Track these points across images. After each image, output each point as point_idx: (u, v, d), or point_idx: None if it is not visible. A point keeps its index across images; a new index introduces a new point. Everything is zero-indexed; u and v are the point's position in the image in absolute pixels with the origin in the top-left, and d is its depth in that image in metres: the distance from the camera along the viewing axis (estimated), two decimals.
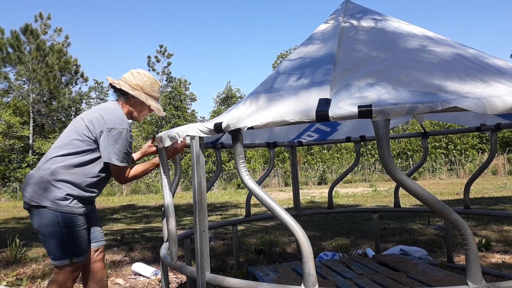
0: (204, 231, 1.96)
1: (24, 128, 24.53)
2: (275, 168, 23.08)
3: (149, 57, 36.10)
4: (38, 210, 2.16)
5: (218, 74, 66.45)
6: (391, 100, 1.56)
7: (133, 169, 2.37)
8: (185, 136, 1.99)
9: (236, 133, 1.76)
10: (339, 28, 2.45)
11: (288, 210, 2.05)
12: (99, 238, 2.46)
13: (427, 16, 68.71)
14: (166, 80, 36.45)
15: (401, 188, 2.02)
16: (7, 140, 23.64)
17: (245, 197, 4.01)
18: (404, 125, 27.66)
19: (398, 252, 4.04)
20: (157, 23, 65.52)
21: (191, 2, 67.67)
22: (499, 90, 1.59)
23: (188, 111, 33.60)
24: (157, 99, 2.54)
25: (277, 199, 13.19)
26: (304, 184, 22.12)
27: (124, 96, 2.41)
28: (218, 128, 1.80)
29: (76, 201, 2.21)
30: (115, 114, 2.29)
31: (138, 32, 66.07)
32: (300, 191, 5.04)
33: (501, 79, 1.75)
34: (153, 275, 4.03)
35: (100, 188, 2.38)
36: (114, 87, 2.43)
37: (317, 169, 24.84)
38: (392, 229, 5.96)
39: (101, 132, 2.23)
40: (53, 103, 26.52)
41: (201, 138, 1.97)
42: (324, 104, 1.58)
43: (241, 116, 1.81)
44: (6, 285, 3.82)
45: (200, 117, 37.02)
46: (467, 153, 23.94)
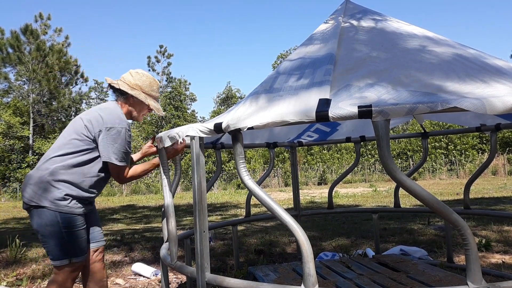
0: (204, 231, 1.96)
1: (24, 128, 24.53)
2: (275, 168, 23.07)
3: (149, 57, 36.17)
4: (38, 210, 2.16)
5: (218, 74, 66.59)
6: (391, 100, 1.56)
7: (132, 169, 2.37)
8: (185, 136, 1.99)
9: (236, 133, 1.76)
10: (339, 28, 2.45)
11: (288, 210, 2.05)
12: (98, 239, 2.46)
13: (427, 16, 68.85)
14: (166, 81, 36.48)
15: (401, 188, 2.02)
16: (7, 140, 23.64)
17: (245, 197, 4.01)
18: (404, 125, 27.65)
19: (398, 252, 4.04)
20: (157, 23, 65.68)
21: (191, 2, 67.80)
22: (499, 91, 1.59)
23: (188, 111, 33.60)
24: (156, 98, 2.53)
25: (277, 199, 13.18)
26: (304, 184, 22.12)
27: (123, 96, 2.41)
28: (218, 128, 1.80)
29: (75, 201, 2.22)
30: (114, 113, 2.30)
31: (138, 32, 66.22)
32: (300, 191, 5.04)
33: (501, 79, 1.75)
34: (153, 275, 4.03)
35: (100, 188, 2.38)
36: (113, 87, 2.43)
37: (317, 169, 24.84)
38: (392, 229, 5.96)
39: (100, 131, 2.23)
40: (53, 103, 26.53)
41: (201, 138, 1.97)
42: (324, 104, 1.58)
43: (241, 116, 1.81)
44: (6, 285, 3.82)
45: (200, 117, 37.05)
46: (467, 153, 23.94)
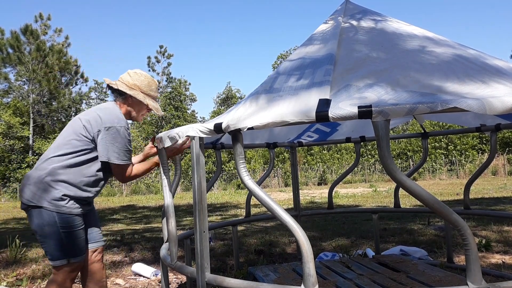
0: (204, 231, 1.96)
1: (24, 128, 24.54)
2: (275, 169, 23.08)
3: (149, 57, 36.17)
4: (36, 210, 2.16)
5: (218, 74, 66.50)
6: (391, 100, 1.56)
7: (134, 168, 2.37)
8: (185, 136, 1.99)
9: (236, 134, 1.76)
10: (339, 29, 2.45)
11: (288, 210, 2.05)
12: (97, 239, 2.45)
13: (427, 16, 68.77)
14: (166, 81, 36.48)
15: (401, 189, 2.02)
16: (7, 141, 23.64)
17: (245, 197, 4.01)
18: (404, 126, 27.65)
19: (398, 253, 4.04)
20: (157, 23, 65.59)
21: (191, 2, 67.71)
22: (498, 91, 1.60)
23: (188, 111, 33.61)
24: (155, 98, 2.53)
25: (277, 199, 13.18)
26: (304, 184, 22.12)
27: (121, 96, 2.41)
28: (218, 128, 1.80)
29: (73, 201, 2.21)
30: (112, 113, 2.30)
31: (138, 32, 66.12)
32: (300, 191, 5.04)
33: (501, 79, 1.75)
34: (153, 275, 4.03)
35: (98, 189, 2.37)
36: (111, 88, 2.43)
37: (317, 170, 24.83)
38: (392, 230, 5.96)
39: (99, 131, 2.23)
40: (53, 103, 26.54)
41: (201, 139, 1.97)
42: (324, 104, 1.58)
43: (241, 116, 1.81)
44: (6, 286, 3.82)
45: (200, 117, 37.03)
46: (467, 153, 23.94)
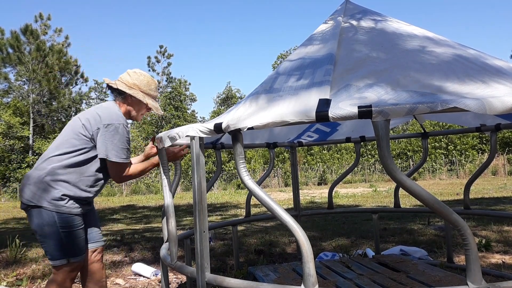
0: (204, 231, 1.96)
1: (24, 128, 24.54)
2: (275, 169, 23.07)
3: (149, 57, 36.14)
4: (35, 210, 2.16)
5: (218, 74, 66.43)
6: (391, 100, 1.56)
7: (132, 167, 2.36)
8: (185, 136, 1.99)
9: (236, 134, 1.76)
10: (339, 29, 2.45)
11: (288, 210, 2.05)
12: (97, 239, 2.45)
13: (427, 16, 68.74)
14: (166, 81, 36.46)
15: (401, 189, 2.02)
16: (7, 141, 23.64)
17: (245, 197, 4.01)
18: (404, 126, 27.66)
19: (398, 253, 4.04)
20: (157, 23, 65.50)
21: (191, 2, 67.67)
22: (499, 91, 1.60)
23: (188, 111, 33.60)
24: (155, 98, 2.53)
25: (277, 199, 13.18)
26: (304, 184, 22.12)
27: (121, 95, 2.41)
28: (218, 128, 1.80)
29: (73, 201, 2.21)
30: (112, 111, 2.30)
31: (138, 32, 66.04)
32: (300, 191, 5.04)
33: (501, 79, 1.75)
34: (153, 275, 4.03)
35: (98, 188, 2.37)
36: (111, 87, 2.43)
37: (317, 170, 24.84)
38: (392, 230, 5.96)
39: (98, 129, 2.22)
40: (53, 103, 26.54)
41: (201, 139, 1.97)
42: (324, 104, 1.58)
43: (241, 116, 1.81)
44: (6, 285, 3.82)
45: (200, 117, 37.01)
46: (467, 153, 23.94)
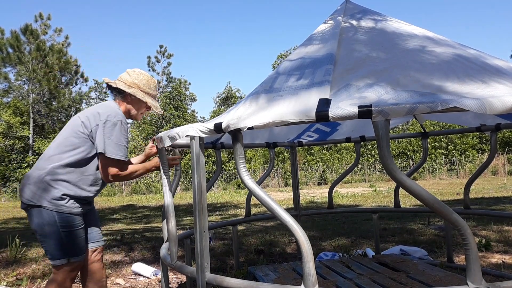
0: (204, 231, 1.96)
1: (24, 128, 24.54)
2: (275, 168, 23.07)
3: (149, 57, 36.08)
4: (36, 210, 2.16)
5: (218, 74, 66.41)
6: (391, 100, 1.56)
7: (129, 167, 2.32)
8: (185, 141, 1.98)
9: (236, 133, 1.76)
10: (339, 28, 2.45)
11: (288, 210, 2.05)
12: (97, 239, 2.45)
13: (427, 16, 68.75)
14: (166, 80, 36.42)
15: (401, 188, 2.02)
16: (7, 140, 23.64)
17: (245, 197, 4.01)
18: (404, 125, 27.66)
19: (398, 252, 4.04)
20: (157, 23, 65.48)
21: (191, 2, 67.65)
22: (499, 91, 1.60)
23: (188, 111, 33.57)
24: (154, 97, 2.53)
25: (277, 199, 13.18)
26: (304, 184, 22.12)
27: (120, 94, 2.41)
28: (218, 128, 1.80)
29: (73, 201, 2.21)
30: (111, 109, 2.30)
31: (138, 32, 65.99)
32: (300, 191, 5.04)
33: (501, 79, 1.75)
34: (153, 275, 4.03)
35: (98, 188, 2.37)
36: (110, 86, 2.44)
37: (317, 169, 24.84)
38: (392, 229, 5.96)
39: (97, 125, 2.22)
40: (53, 103, 26.54)
41: (201, 138, 1.97)
42: (324, 104, 1.58)
43: (241, 116, 1.81)
44: (6, 285, 3.82)
45: (200, 117, 36.99)
46: (467, 153, 23.94)
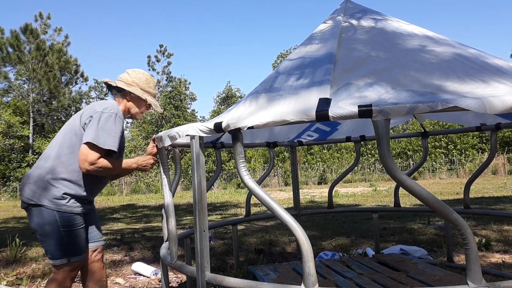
0: (204, 230, 1.96)
1: (24, 127, 24.54)
2: (275, 168, 23.08)
3: (149, 56, 36.05)
4: (36, 209, 2.16)
5: (218, 74, 66.32)
6: (391, 99, 1.56)
7: (108, 160, 2.18)
8: (185, 136, 1.98)
9: (236, 133, 1.76)
10: (339, 28, 2.45)
11: (288, 209, 2.05)
12: (97, 238, 2.45)
13: (427, 16, 68.69)
14: (166, 80, 36.40)
15: (401, 188, 2.02)
16: (7, 140, 23.65)
17: (245, 196, 4.01)
18: (404, 125, 27.66)
19: (398, 252, 4.04)
20: (157, 23, 65.37)
21: (191, 2, 67.58)
22: (499, 90, 1.59)
23: (188, 110, 33.56)
24: (154, 96, 2.53)
25: (277, 198, 13.19)
26: (304, 183, 22.12)
27: (120, 93, 2.42)
28: (218, 127, 1.80)
29: (74, 200, 2.21)
30: (108, 103, 2.30)
31: (138, 32, 65.87)
32: (300, 190, 5.04)
33: (501, 79, 1.75)
34: (153, 274, 4.03)
35: (98, 187, 2.37)
36: (110, 86, 2.44)
37: (317, 169, 24.84)
38: (392, 229, 5.96)
39: (91, 117, 2.20)
40: (53, 102, 26.54)
41: (201, 138, 1.97)
42: (324, 103, 1.58)
43: (241, 115, 1.81)
44: (6, 285, 3.82)
45: (200, 116, 36.95)
46: (467, 152, 23.94)
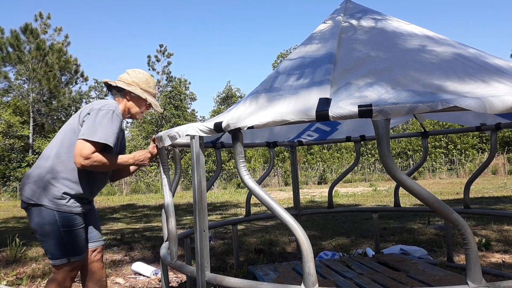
0: (204, 230, 1.96)
1: (24, 127, 24.54)
2: (275, 168, 23.08)
3: (149, 56, 36.05)
4: (36, 209, 2.15)
5: (218, 73, 66.34)
6: (391, 99, 1.56)
7: (103, 155, 2.16)
8: (185, 135, 1.98)
9: (236, 133, 1.76)
10: (339, 28, 2.45)
11: (288, 209, 2.05)
12: (97, 238, 2.45)
13: (427, 16, 68.72)
14: (166, 80, 36.40)
15: (401, 188, 2.02)
16: (7, 140, 23.64)
17: (245, 196, 4.01)
18: (404, 125, 27.66)
19: (398, 252, 4.04)
20: (157, 23, 65.38)
21: (191, 2, 67.60)
22: (499, 90, 1.59)
23: (188, 110, 33.56)
24: (154, 95, 2.53)
25: (277, 198, 13.19)
26: (304, 183, 22.12)
27: (120, 93, 2.41)
28: (218, 127, 1.80)
29: (74, 200, 2.21)
30: (106, 101, 2.30)
31: (138, 32, 65.89)
32: (300, 190, 5.04)
33: (501, 78, 1.75)
34: (153, 274, 4.03)
35: (98, 187, 2.37)
36: (110, 86, 2.43)
37: (317, 169, 24.84)
38: (392, 229, 5.96)
39: (88, 114, 2.19)
40: (53, 102, 26.54)
41: (201, 138, 1.97)
42: (324, 103, 1.58)
43: (241, 115, 1.81)
44: (6, 285, 3.82)
45: (200, 116, 36.95)
46: (467, 152, 23.94)
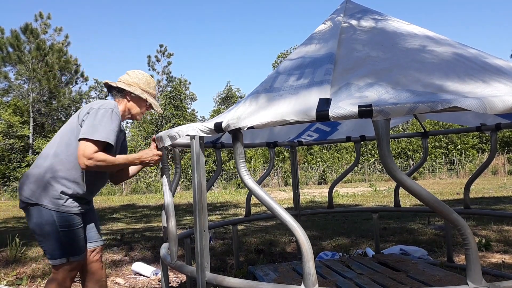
0: (204, 230, 1.96)
1: (24, 127, 24.54)
2: (275, 168, 23.08)
3: (149, 56, 36.10)
4: (35, 208, 2.15)
5: (218, 74, 66.29)
6: (391, 99, 1.56)
7: (106, 155, 2.15)
8: (185, 135, 1.98)
9: (236, 133, 1.76)
10: (339, 28, 2.45)
11: (288, 209, 2.05)
12: (96, 238, 2.44)
13: (427, 16, 68.70)
14: (166, 80, 36.42)
15: (401, 188, 2.02)
16: (7, 140, 23.65)
17: (245, 196, 4.01)
18: (404, 125, 27.66)
19: (398, 252, 4.04)
20: (157, 23, 65.35)
21: (191, 2, 67.59)
22: (499, 90, 1.59)
23: (188, 110, 33.57)
24: (154, 96, 2.53)
25: (277, 198, 13.19)
26: (304, 183, 22.12)
27: (120, 93, 2.41)
28: (218, 127, 1.80)
29: (72, 200, 2.20)
30: (105, 101, 2.29)
31: (138, 32, 65.89)
32: (300, 190, 5.04)
33: (501, 79, 1.75)
34: (153, 274, 4.03)
35: (98, 187, 2.37)
36: (110, 87, 2.43)
37: (317, 169, 24.84)
38: (392, 229, 5.96)
39: (88, 113, 2.19)
40: (53, 102, 26.54)
41: (201, 138, 1.97)
42: (324, 103, 1.58)
43: (241, 115, 1.81)
44: (6, 285, 3.82)
45: (200, 116, 36.95)
46: (467, 153, 23.94)
